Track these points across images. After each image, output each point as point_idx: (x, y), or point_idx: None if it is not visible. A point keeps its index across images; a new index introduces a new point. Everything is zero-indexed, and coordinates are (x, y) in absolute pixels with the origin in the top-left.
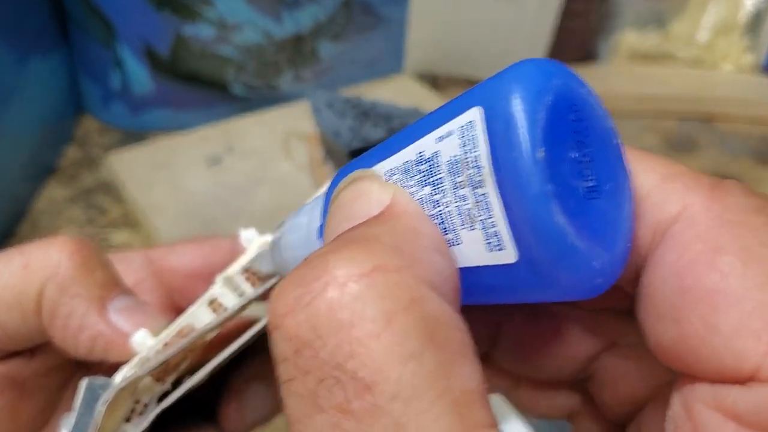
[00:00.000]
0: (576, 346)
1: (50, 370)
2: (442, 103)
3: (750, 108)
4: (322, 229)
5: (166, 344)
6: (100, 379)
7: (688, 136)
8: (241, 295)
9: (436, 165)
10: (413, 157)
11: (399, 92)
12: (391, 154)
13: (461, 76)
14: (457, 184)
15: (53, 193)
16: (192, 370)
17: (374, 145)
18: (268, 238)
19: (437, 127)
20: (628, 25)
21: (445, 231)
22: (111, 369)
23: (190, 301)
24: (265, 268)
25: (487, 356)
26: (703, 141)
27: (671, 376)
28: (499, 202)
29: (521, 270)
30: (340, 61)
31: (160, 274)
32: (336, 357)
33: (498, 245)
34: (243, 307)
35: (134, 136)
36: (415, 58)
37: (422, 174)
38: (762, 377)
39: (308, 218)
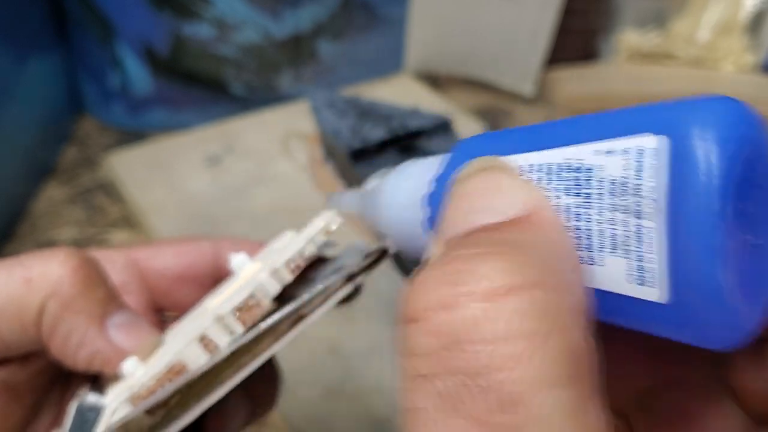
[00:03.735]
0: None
1: (38, 373)
2: (442, 103)
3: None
4: (434, 199)
5: (157, 380)
6: (89, 402)
7: None
8: (231, 333)
9: (589, 178)
10: (560, 161)
11: (399, 92)
12: (532, 149)
13: (461, 75)
14: (614, 207)
15: (52, 192)
16: (182, 403)
17: (373, 145)
18: (258, 265)
19: (597, 140)
20: (629, 25)
21: (582, 248)
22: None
23: (173, 303)
24: (348, 212)
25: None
26: None
27: None
28: (663, 240)
29: (666, 311)
30: (340, 60)
31: (143, 276)
32: (485, 367)
33: (643, 280)
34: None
35: (133, 135)
36: (415, 58)
37: (569, 182)
38: None
39: (416, 182)
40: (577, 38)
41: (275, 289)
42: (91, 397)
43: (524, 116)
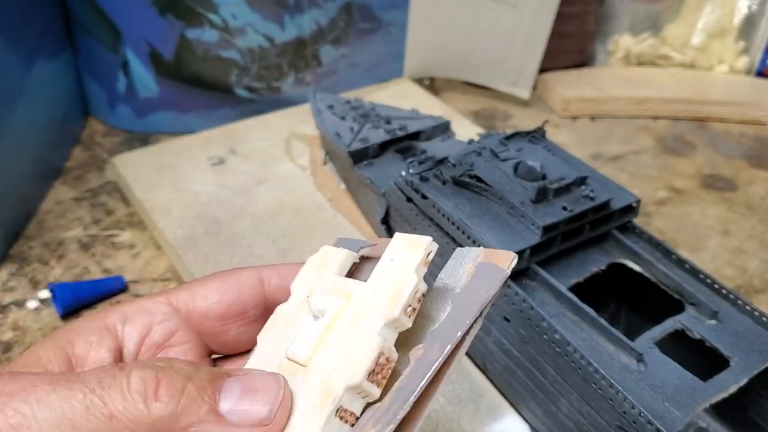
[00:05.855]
0: None
1: None
2: (440, 106)
3: (743, 109)
4: None
5: None
6: None
7: (682, 138)
8: (366, 397)
9: None
10: None
11: (399, 95)
12: None
13: (459, 79)
14: None
15: (60, 193)
16: None
17: (373, 146)
18: (342, 302)
19: None
20: (624, 29)
21: None
22: None
23: (221, 345)
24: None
25: None
26: (696, 142)
27: None
28: None
29: None
30: (341, 64)
31: (189, 321)
32: None
33: None
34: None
35: (139, 138)
36: (414, 62)
37: None
38: None
39: None
40: (573, 42)
41: (394, 338)
42: None
43: (521, 119)
